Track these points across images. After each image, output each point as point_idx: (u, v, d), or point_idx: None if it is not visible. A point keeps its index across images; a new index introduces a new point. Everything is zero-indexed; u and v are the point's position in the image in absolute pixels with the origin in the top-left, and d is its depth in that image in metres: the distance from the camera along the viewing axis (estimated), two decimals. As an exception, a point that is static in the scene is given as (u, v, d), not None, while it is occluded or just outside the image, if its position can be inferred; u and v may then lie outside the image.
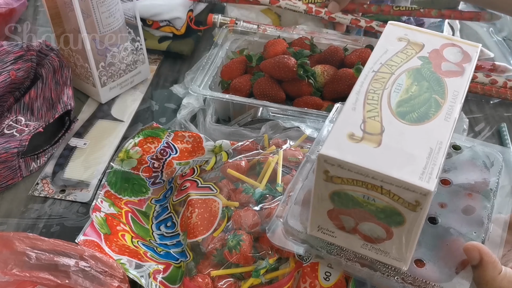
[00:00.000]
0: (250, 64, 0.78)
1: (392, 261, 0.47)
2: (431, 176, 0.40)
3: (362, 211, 0.44)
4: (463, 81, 0.47)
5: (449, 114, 0.45)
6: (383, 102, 0.45)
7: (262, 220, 0.57)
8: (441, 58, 0.49)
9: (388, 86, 0.47)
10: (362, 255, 0.48)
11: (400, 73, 0.48)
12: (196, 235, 0.59)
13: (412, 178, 0.40)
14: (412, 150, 0.42)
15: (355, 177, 0.41)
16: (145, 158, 0.67)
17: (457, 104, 0.45)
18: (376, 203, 0.42)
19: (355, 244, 0.48)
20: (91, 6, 0.73)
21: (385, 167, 0.40)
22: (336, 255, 0.49)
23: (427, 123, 0.44)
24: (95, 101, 0.83)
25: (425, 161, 0.41)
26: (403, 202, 0.41)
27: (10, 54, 0.76)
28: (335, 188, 0.43)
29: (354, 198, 0.43)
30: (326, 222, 0.47)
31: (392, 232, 0.44)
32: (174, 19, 0.90)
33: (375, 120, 0.44)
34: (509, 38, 0.95)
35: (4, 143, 0.69)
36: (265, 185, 0.60)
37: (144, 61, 0.85)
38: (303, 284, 0.53)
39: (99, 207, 0.62)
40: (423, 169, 0.40)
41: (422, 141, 0.42)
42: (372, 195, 0.42)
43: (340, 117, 0.45)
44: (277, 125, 0.69)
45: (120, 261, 0.55)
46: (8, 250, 0.52)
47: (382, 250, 0.46)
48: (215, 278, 0.55)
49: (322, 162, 0.42)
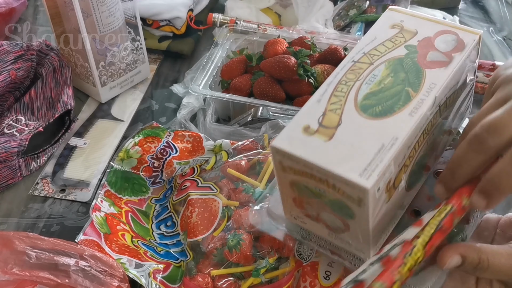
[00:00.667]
0: (250, 63, 0.78)
1: (355, 251, 0.45)
2: (373, 174, 0.38)
3: (318, 201, 0.43)
4: (446, 72, 0.44)
5: (416, 109, 0.42)
6: (351, 94, 0.43)
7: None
8: (430, 47, 0.47)
9: (362, 78, 0.44)
10: (332, 243, 0.47)
11: (379, 64, 0.45)
12: (196, 234, 0.59)
13: (352, 175, 0.38)
14: (362, 145, 0.40)
15: (304, 170, 0.41)
16: (145, 158, 0.67)
17: (430, 97, 0.42)
18: (328, 195, 0.41)
19: (323, 232, 0.46)
20: (91, 6, 0.73)
21: (328, 162, 0.39)
22: (309, 240, 0.49)
23: (388, 118, 0.41)
24: (95, 100, 0.83)
25: (372, 157, 0.39)
26: (348, 197, 0.40)
27: (10, 53, 0.76)
28: (291, 178, 0.43)
29: (309, 189, 0.42)
30: (295, 209, 0.47)
31: (348, 224, 0.43)
32: (174, 18, 0.90)
33: (335, 113, 0.42)
34: (509, 37, 0.94)
35: (4, 142, 0.69)
36: (265, 184, 0.60)
37: (144, 61, 0.85)
38: (303, 283, 0.53)
39: (99, 206, 0.62)
40: (367, 165, 0.39)
41: (376, 137, 0.40)
42: (321, 187, 0.41)
43: (303, 109, 0.43)
44: (277, 125, 0.69)
45: (120, 261, 0.55)
46: (8, 249, 0.52)
47: (345, 240, 0.45)
48: (215, 277, 0.55)
49: (275, 153, 0.42)
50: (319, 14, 0.89)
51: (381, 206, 0.41)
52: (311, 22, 0.88)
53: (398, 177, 0.42)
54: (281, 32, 0.83)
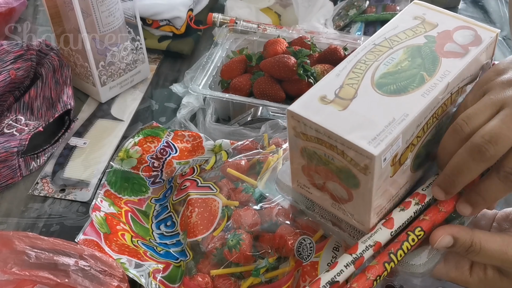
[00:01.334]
0: (250, 63, 0.78)
1: (356, 223, 0.47)
2: (381, 143, 0.40)
3: (326, 169, 0.44)
4: (461, 62, 0.47)
5: (428, 91, 0.44)
6: (368, 72, 0.46)
7: (262, 219, 0.57)
8: (448, 39, 0.49)
9: (380, 59, 0.47)
10: (334, 214, 0.48)
11: (398, 49, 0.48)
12: (196, 234, 0.59)
13: (361, 142, 0.40)
14: (374, 117, 0.42)
15: (316, 135, 0.43)
16: (145, 158, 0.67)
17: (443, 83, 0.45)
18: (335, 162, 0.43)
19: (326, 202, 0.48)
20: (91, 6, 0.73)
21: (340, 129, 0.41)
22: (312, 211, 0.50)
23: (401, 96, 0.44)
24: (95, 100, 0.83)
25: (382, 128, 0.41)
26: (355, 164, 0.41)
27: (10, 53, 0.76)
28: (302, 144, 0.45)
29: (318, 156, 0.44)
30: (302, 177, 0.48)
31: (352, 194, 0.44)
32: (174, 18, 0.90)
33: (352, 87, 0.45)
34: (509, 37, 0.94)
35: (4, 142, 0.69)
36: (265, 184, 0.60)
37: (144, 61, 0.85)
38: (303, 283, 0.53)
39: (99, 206, 0.62)
40: (376, 135, 0.41)
41: (388, 111, 0.42)
42: (330, 154, 0.43)
43: (322, 81, 0.46)
44: (277, 125, 0.69)
45: (119, 261, 0.55)
46: (8, 249, 0.52)
47: (347, 211, 0.46)
48: (215, 277, 0.55)
49: (290, 117, 0.44)
50: (319, 14, 0.89)
51: (385, 179, 0.43)
52: (311, 22, 0.88)
53: (405, 154, 0.44)
54: (281, 32, 0.83)
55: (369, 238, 0.45)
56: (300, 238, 0.54)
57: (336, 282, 0.43)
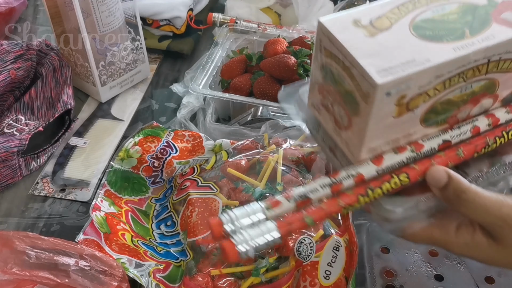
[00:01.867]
0: (250, 63, 0.78)
1: (348, 153, 0.46)
2: (389, 76, 0.40)
3: (336, 90, 0.44)
4: (509, 32, 0.44)
5: (462, 47, 0.42)
6: (412, 13, 0.45)
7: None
8: (510, 9, 0.46)
9: (431, 6, 0.46)
10: (333, 139, 0.48)
11: (453, 2, 0.46)
12: (196, 234, 0.59)
13: (370, 68, 0.40)
14: (395, 52, 0.41)
15: (336, 53, 0.43)
16: (145, 157, 0.67)
17: (482, 45, 0.43)
18: (345, 85, 0.43)
19: (329, 125, 0.48)
20: (91, 5, 0.73)
21: (357, 51, 0.41)
22: (317, 132, 0.50)
23: (432, 43, 0.43)
24: (95, 100, 0.83)
25: (397, 64, 0.40)
26: (360, 89, 0.41)
27: (10, 53, 0.76)
28: (323, 60, 0.45)
29: (332, 74, 0.44)
30: (316, 96, 0.48)
31: (351, 121, 0.44)
32: (174, 18, 0.90)
33: (389, 20, 0.44)
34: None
35: (4, 142, 0.69)
36: (265, 184, 0.60)
37: (144, 60, 0.85)
38: (303, 283, 0.53)
39: (99, 206, 0.62)
40: (389, 68, 0.40)
41: (411, 51, 0.42)
42: (342, 75, 0.43)
43: (364, 6, 0.45)
44: (277, 124, 0.69)
45: (120, 260, 0.55)
46: (8, 249, 0.52)
47: (344, 138, 0.46)
48: (215, 277, 0.55)
49: (319, 30, 0.44)
50: (319, 14, 0.89)
51: (386, 117, 0.42)
52: (311, 22, 0.88)
53: (415, 100, 0.43)
54: (281, 32, 0.83)
55: (353, 168, 0.44)
56: (300, 238, 0.54)
57: (307, 198, 0.42)
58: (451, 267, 0.58)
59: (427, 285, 0.57)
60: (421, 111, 0.44)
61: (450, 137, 0.47)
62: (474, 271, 0.58)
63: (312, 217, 0.42)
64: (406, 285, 0.57)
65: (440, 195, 0.44)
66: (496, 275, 0.57)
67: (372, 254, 0.60)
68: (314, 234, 0.55)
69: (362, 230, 0.62)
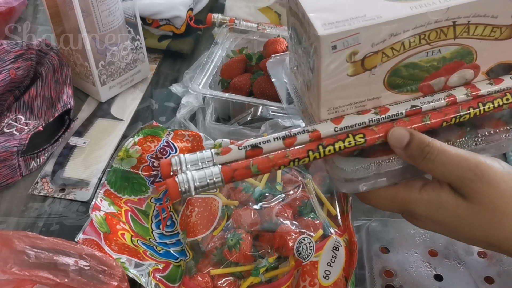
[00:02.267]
0: (250, 63, 0.78)
1: (312, 113, 0.47)
2: (334, 29, 0.39)
3: (301, 47, 0.45)
4: None
5: (420, 6, 0.41)
6: None
7: (261, 219, 0.57)
8: None
9: None
10: (304, 102, 0.48)
11: None
12: (195, 234, 0.59)
13: (317, 21, 0.40)
14: (349, 8, 0.41)
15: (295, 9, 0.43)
16: (144, 157, 0.67)
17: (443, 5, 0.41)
18: (304, 42, 0.43)
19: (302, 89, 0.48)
20: (91, 5, 0.73)
21: (310, 6, 0.41)
22: (295, 95, 0.51)
23: (391, 2, 0.42)
24: (95, 100, 0.83)
25: (346, 18, 0.40)
26: (312, 44, 0.41)
27: (10, 53, 0.76)
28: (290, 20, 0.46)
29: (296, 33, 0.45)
30: (292, 60, 0.49)
31: (311, 80, 0.44)
32: (174, 18, 0.90)
33: None
34: None
35: (4, 142, 0.69)
36: (264, 184, 0.60)
37: (144, 60, 0.85)
38: (303, 283, 0.53)
39: (98, 206, 0.62)
40: (336, 21, 0.40)
41: (365, 7, 0.41)
42: (301, 31, 0.43)
43: None
44: (277, 124, 0.69)
45: (119, 260, 0.55)
46: (8, 248, 0.52)
47: (309, 99, 0.46)
48: (215, 277, 0.55)
49: None
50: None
51: (340, 74, 0.42)
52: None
53: (371, 59, 0.42)
54: (281, 31, 0.83)
55: (311, 125, 0.44)
56: (300, 237, 0.54)
57: (259, 148, 0.43)
58: (451, 267, 0.58)
59: (426, 285, 0.57)
60: (382, 72, 0.43)
61: (421, 103, 0.45)
62: (474, 271, 0.58)
63: (257, 165, 0.42)
64: (405, 285, 0.57)
65: (403, 155, 0.42)
66: (496, 275, 0.57)
67: (371, 254, 0.60)
68: (314, 234, 0.55)
69: (362, 230, 0.62)
